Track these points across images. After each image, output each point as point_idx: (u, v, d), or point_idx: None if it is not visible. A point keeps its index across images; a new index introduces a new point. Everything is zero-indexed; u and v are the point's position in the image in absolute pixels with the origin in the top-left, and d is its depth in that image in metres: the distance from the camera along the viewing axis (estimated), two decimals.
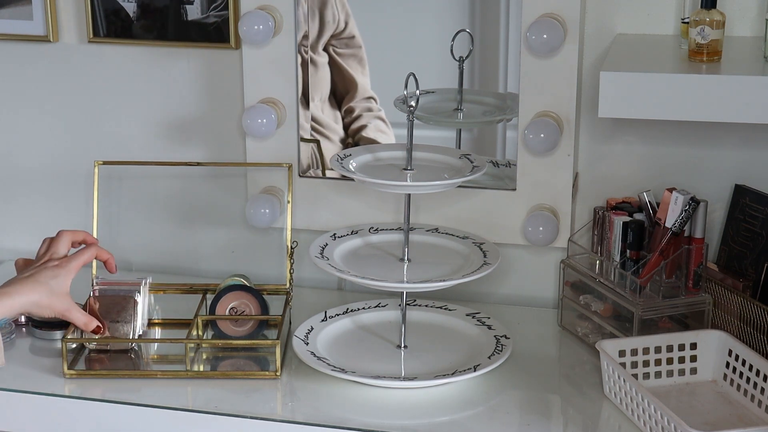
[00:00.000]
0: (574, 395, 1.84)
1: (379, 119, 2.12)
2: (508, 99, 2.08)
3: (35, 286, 1.71)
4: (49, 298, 1.72)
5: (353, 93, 2.13)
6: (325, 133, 2.13)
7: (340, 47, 2.10)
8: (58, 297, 1.73)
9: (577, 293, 2.01)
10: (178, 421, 1.77)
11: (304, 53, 2.08)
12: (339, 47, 2.10)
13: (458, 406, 1.79)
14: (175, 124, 2.23)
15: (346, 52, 2.10)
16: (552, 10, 1.93)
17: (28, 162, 2.33)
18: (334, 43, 2.10)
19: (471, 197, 2.08)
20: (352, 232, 2.04)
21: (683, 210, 1.84)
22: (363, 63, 2.11)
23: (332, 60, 2.12)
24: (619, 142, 2.04)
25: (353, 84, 2.12)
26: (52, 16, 2.21)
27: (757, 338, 1.83)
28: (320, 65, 2.10)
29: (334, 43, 2.10)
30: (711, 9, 1.76)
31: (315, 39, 2.09)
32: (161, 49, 2.19)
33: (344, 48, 2.10)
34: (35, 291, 1.71)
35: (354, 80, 2.11)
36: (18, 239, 2.37)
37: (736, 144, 1.99)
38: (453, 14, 2.09)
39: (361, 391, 1.82)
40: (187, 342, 1.88)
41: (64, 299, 1.74)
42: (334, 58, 2.11)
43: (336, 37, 2.09)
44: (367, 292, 2.10)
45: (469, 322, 2.00)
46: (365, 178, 1.84)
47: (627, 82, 1.73)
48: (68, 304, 1.74)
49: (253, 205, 2.12)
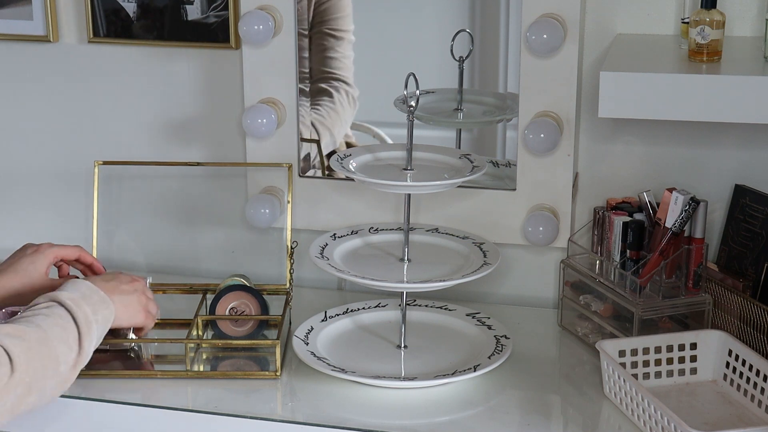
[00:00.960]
0: (574, 395, 1.84)
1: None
2: (508, 99, 2.08)
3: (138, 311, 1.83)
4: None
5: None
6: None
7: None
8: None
9: (577, 293, 2.01)
10: (178, 421, 1.77)
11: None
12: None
13: (458, 406, 1.79)
14: (175, 124, 2.23)
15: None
16: (552, 10, 1.93)
17: (28, 162, 2.33)
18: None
19: (471, 197, 2.08)
20: (352, 232, 2.04)
21: (683, 210, 1.84)
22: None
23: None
24: (619, 142, 2.04)
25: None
26: (52, 16, 2.21)
27: (757, 338, 1.83)
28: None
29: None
30: (711, 9, 1.76)
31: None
32: (161, 49, 2.19)
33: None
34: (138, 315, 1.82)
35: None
36: (18, 239, 2.37)
37: (736, 144, 1.99)
38: (453, 14, 2.09)
39: (361, 391, 1.82)
40: (187, 342, 1.88)
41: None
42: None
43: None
44: (367, 292, 2.10)
45: (469, 322, 2.00)
46: (365, 178, 1.84)
47: (627, 82, 1.73)
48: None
49: (253, 205, 2.12)
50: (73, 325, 1.63)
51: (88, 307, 1.67)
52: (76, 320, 1.64)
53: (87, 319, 1.65)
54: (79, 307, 1.66)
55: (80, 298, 1.67)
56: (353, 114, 2.15)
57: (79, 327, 1.64)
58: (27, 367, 1.54)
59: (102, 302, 1.71)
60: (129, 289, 1.79)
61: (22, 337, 1.55)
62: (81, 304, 1.66)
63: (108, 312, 1.71)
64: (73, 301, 1.66)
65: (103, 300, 1.71)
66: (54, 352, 1.59)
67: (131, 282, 1.81)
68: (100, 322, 1.69)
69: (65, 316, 1.64)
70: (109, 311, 1.72)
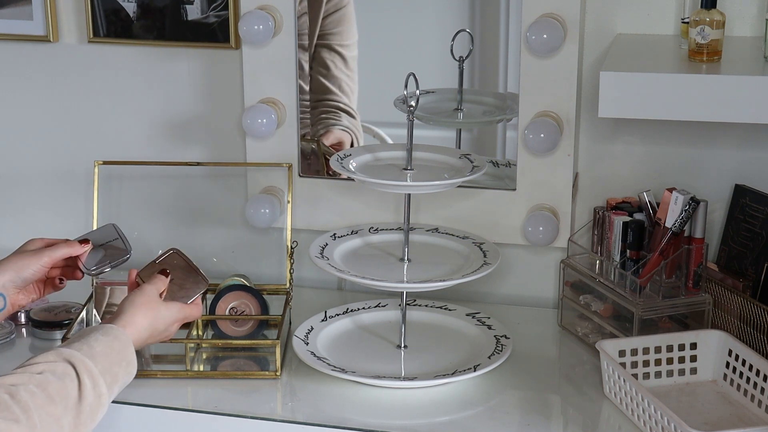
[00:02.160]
0: (574, 395, 1.84)
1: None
2: (508, 99, 2.08)
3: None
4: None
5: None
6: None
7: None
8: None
9: (577, 293, 2.01)
10: (178, 421, 1.77)
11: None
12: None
13: (458, 406, 1.79)
14: (175, 124, 2.23)
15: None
16: (552, 10, 1.93)
17: (28, 162, 2.33)
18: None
19: (471, 197, 2.08)
20: (352, 232, 2.04)
21: (683, 210, 1.84)
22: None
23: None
24: (619, 142, 2.04)
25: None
26: (52, 16, 2.21)
27: (757, 338, 1.83)
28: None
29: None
30: (711, 9, 1.76)
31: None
32: (161, 49, 2.19)
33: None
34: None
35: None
36: (18, 239, 2.37)
37: (736, 144, 1.99)
38: (453, 14, 2.09)
39: (361, 391, 1.82)
40: (187, 342, 1.88)
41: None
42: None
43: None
44: (367, 292, 2.10)
45: (469, 322, 2.00)
46: (365, 178, 1.84)
47: (627, 82, 1.73)
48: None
49: (253, 205, 2.12)
50: (74, 413, 1.45)
51: (105, 385, 1.50)
52: (81, 407, 1.46)
53: (95, 406, 1.49)
54: (95, 387, 1.48)
55: (103, 370, 1.50)
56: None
57: (79, 416, 1.46)
58: None
59: (127, 368, 1.56)
60: (171, 332, 1.69)
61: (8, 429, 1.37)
62: (99, 384, 1.49)
63: (128, 378, 1.57)
64: (91, 380, 1.48)
65: (129, 365, 1.56)
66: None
67: (170, 326, 1.68)
68: (114, 394, 1.53)
69: (71, 397, 1.46)
70: (129, 377, 1.57)
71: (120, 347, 1.55)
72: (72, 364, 1.48)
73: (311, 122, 2.14)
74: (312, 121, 2.14)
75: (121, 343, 1.56)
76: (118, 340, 1.56)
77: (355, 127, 2.14)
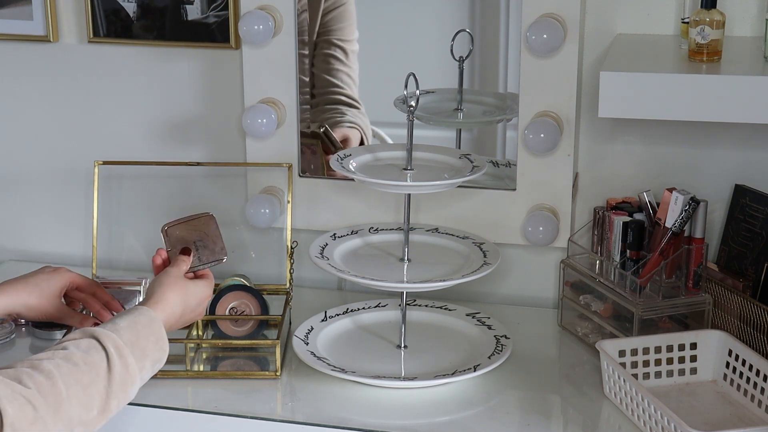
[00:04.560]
0: (574, 395, 1.84)
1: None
2: (508, 99, 2.08)
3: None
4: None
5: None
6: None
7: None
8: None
9: (577, 293, 2.01)
10: (178, 421, 1.77)
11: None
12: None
13: (458, 406, 1.79)
14: (175, 124, 2.23)
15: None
16: (552, 10, 1.93)
17: (28, 162, 2.33)
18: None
19: (471, 197, 2.08)
20: (352, 232, 2.04)
21: (683, 210, 1.84)
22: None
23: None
24: (619, 142, 2.04)
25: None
26: (52, 16, 2.21)
27: (757, 338, 1.83)
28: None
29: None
30: (711, 9, 1.76)
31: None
32: (161, 49, 2.19)
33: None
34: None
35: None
36: (18, 239, 2.38)
37: (736, 144, 1.99)
38: (453, 14, 2.09)
39: (361, 391, 1.82)
40: (187, 342, 1.88)
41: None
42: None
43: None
44: (367, 292, 2.10)
45: (469, 322, 2.00)
46: (365, 178, 1.84)
47: (627, 82, 1.73)
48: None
49: (253, 205, 2.12)
50: (104, 382, 1.47)
51: (133, 356, 1.52)
52: (111, 375, 1.48)
53: (124, 376, 1.50)
54: (121, 357, 1.50)
55: (129, 342, 1.53)
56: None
57: (110, 385, 1.48)
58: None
59: (157, 343, 1.58)
60: (198, 313, 1.72)
61: (30, 401, 1.38)
62: (125, 354, 1.51)
63: (160, 354, 1.58)
64: (117, 350, 1.50)
65: (159, 340, 1.58)
66: (66, 414, 1.42)
67: (201, 303, 1.73)
68: (146, 369, 1.55)
69: (98, 366, 1.48)
70: (161, 353, 1.59)
71: (146, 321, 1.58)
72: (96, 338, 1.51)
73: (312, 119, 2.14)
74: (314, 117, 2.14)
75: (147, 317, 1.60)
76: (144, 315, 1.59)
77: (361, 120, 2.13)
